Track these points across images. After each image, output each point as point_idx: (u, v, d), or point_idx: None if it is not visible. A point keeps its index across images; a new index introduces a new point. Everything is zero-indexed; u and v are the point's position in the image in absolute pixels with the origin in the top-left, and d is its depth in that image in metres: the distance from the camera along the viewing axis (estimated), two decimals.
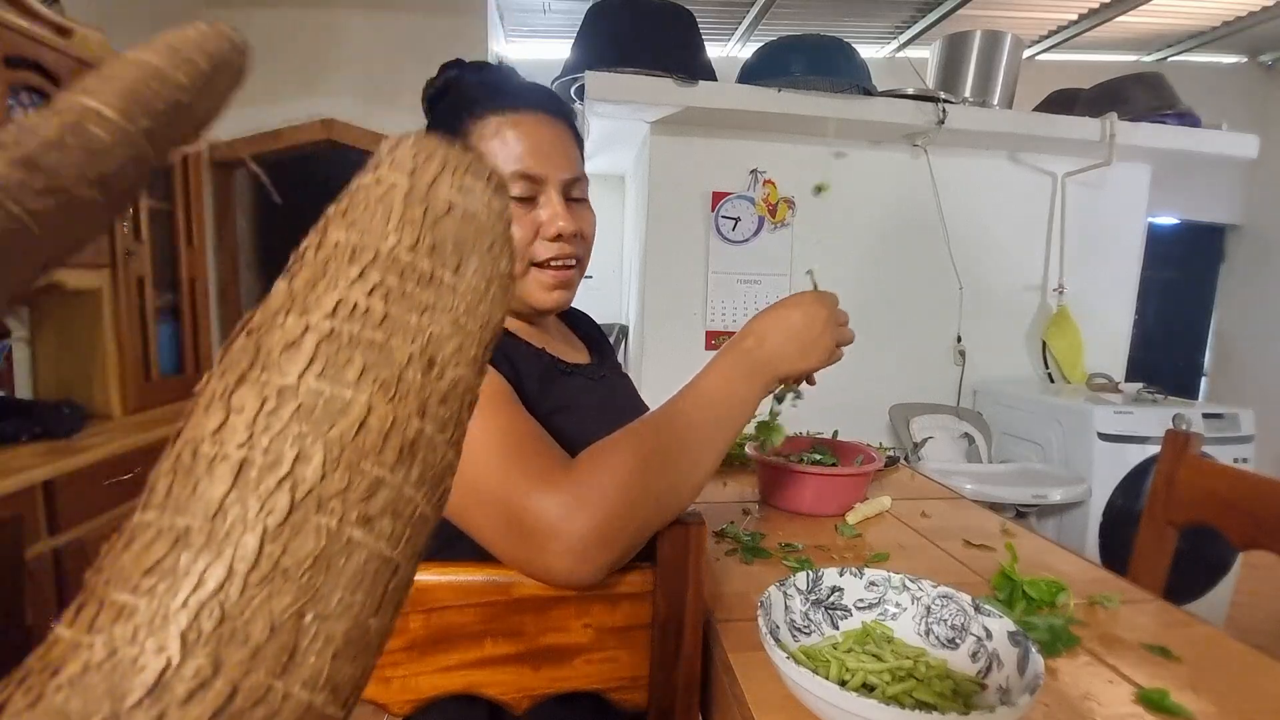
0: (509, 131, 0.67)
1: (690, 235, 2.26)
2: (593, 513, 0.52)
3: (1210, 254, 3.79)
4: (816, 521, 1.00)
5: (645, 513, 0.54)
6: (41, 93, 1.41)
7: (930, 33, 3.00)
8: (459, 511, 0.57)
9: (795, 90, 2.01)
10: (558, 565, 0.52)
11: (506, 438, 0.56)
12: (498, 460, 0.55)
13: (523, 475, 0.54)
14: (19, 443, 1.34)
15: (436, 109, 0.73)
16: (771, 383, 0.65)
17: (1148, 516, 1.05)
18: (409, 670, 0.54)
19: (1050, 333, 2.48)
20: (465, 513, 0.56)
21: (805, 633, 0.61)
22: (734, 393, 0.62)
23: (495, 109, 0.68)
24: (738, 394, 0.62)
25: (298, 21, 2.49)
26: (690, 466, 0.58)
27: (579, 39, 2.12)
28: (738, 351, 0.64)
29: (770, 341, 0.64)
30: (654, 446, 0.56)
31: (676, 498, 0.57)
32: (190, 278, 1.96)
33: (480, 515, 0.55)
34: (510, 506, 0.53)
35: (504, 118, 0.68)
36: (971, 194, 2.40)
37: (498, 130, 0.68)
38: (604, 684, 0.57)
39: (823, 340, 0.65)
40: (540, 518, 0.52)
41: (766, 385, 0.64)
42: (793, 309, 0.65)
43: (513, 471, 0.54)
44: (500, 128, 0.68)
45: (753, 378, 0.63)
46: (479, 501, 0.55)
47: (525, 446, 0.56)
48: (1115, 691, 0.58)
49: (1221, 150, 2.34)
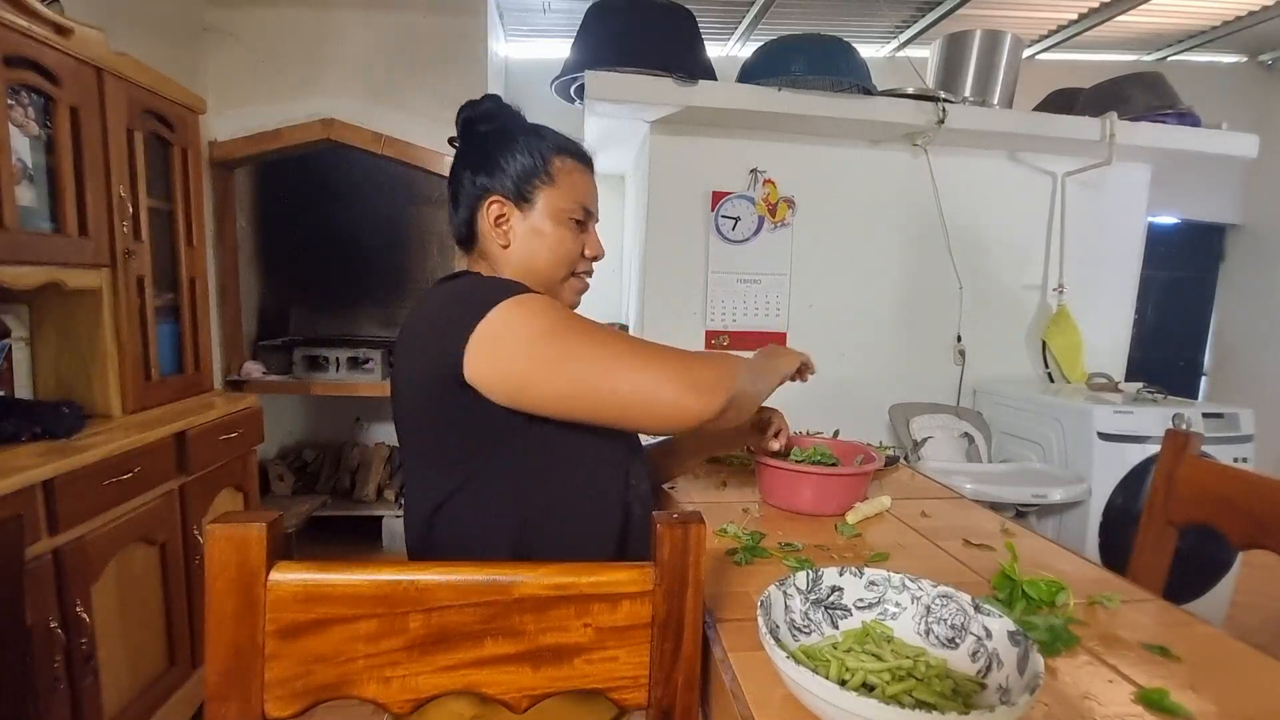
0: (578, 175, 0.92)
1: (690, 235, 2.26)
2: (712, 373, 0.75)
3: (1210, 254, 3.79)
4: (816, 521, 1.00)
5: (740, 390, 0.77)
6: (41, 93, 1.41)
7: (930, 32, 3.00)
8: (597, 396, 0.73)
9: (795, 90, 2.01)
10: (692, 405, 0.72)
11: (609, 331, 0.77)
12: (619, 344, 0.75)
13: (649, 349, 0.76)
14: (19, 442, 1.34)
15: (495, 129, 0.92)
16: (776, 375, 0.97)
17: (1147, 516, 1.05)
18: (409, 670, 0.54)
19: (1050, 332, 2.48)
20: (609, 391, 0.72)
21: (805, 632, 0.61)
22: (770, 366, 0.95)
23: (570, 154, 0.92)
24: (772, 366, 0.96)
25: (298, 21, 2.49)
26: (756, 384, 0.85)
27: (579, 38, 2.12)
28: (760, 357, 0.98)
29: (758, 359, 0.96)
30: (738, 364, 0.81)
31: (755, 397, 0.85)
32: (190, 277, 1.96)
33: (626, 385, 0.72)
34: (651, 369, 0.73)
35: (575, 163, 0.92)
36: (971, 194, 2.40)
37: (572, 170, 0.91)
38: (604, 684, 0.57)
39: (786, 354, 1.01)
40: (679, 370, 0.73)
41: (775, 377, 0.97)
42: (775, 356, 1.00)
43: (638, 347, 0.76)
44: (574, 170, 0.91)
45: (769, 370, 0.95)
46: (623, 374, 0.72)
47: (630, 339, 0.78)
48: (1115, 691, 0.58)
49: (1221, 150, 2.34)
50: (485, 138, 0.91)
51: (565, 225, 0.89)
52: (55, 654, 1.24)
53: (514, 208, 0.88)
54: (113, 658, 1.42)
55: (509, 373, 0.73)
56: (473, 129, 0.92)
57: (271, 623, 0.53)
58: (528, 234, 0.89)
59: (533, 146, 0.89)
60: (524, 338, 0.72)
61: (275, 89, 2.48)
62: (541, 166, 0.88)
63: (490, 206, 0.88)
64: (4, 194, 1.29)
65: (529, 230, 0.89)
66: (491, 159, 0.89)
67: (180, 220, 1.92)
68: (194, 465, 1.68)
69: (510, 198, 0.88)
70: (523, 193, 0.88)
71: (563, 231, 0.89)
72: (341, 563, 0.54)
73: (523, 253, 0.89)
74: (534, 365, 0.72)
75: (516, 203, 0.88)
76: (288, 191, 2.77)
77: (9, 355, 1.54)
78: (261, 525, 0.52)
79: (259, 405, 2.02)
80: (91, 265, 1.54)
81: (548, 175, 0.88)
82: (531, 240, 0.89)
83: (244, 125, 2.46)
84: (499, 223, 0.89)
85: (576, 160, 0.92)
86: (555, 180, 0.89)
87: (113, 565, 1.41)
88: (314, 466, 2.88)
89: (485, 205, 0.89)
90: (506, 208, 0.88)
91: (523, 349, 0.72)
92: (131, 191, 1.66)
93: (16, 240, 1.34)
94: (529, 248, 0.89)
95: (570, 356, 0.72)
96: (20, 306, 1.59)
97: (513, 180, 0.88)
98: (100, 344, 1.60)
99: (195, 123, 1.98)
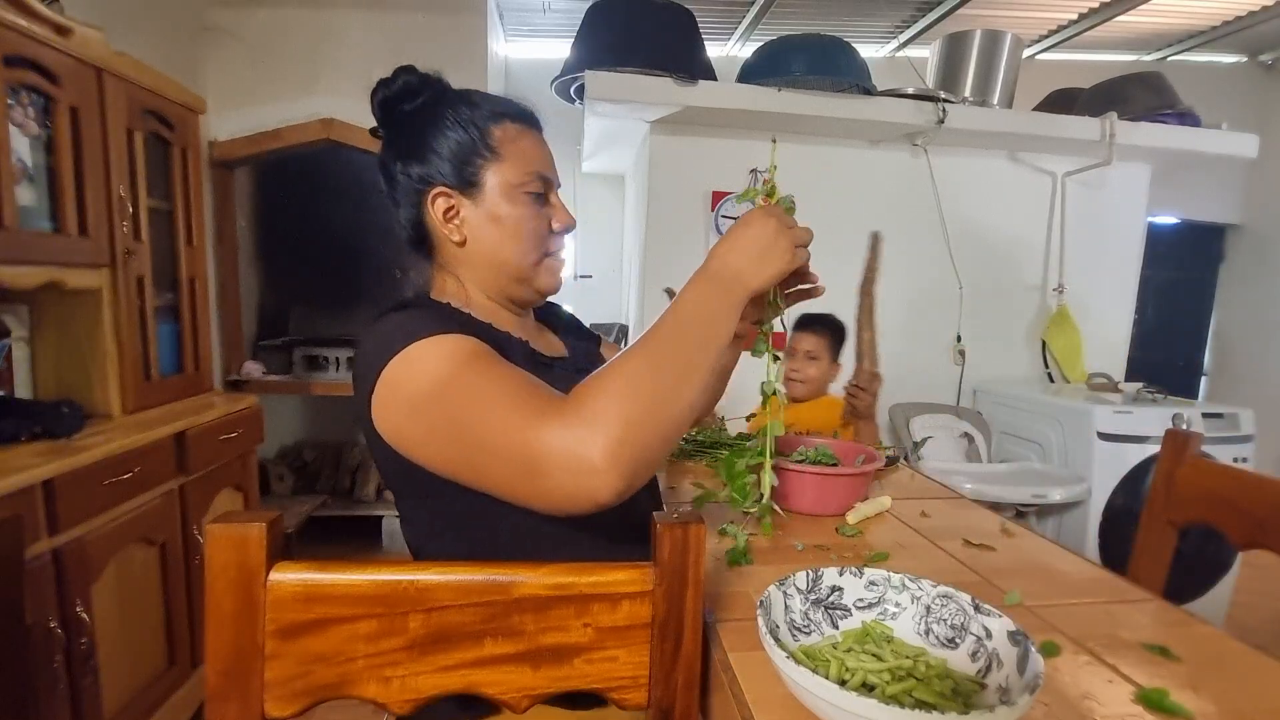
0: (525, 140, 0.79)
1: (690, 235, 2.26)
2: (597, 434, 0.54)
3: (1210, 254, 3.79)
4: (816, 521, 1.00)
5: (645, 432, 0.56)
6: (41, 93, 1.41)
7: (930, 32, 3.00)
8: (475, 469, 0.60)
9: (795, 90, 2.01)
10: (577, 490, 0.55)
11: (500, 389, 0.60)
12: (498, 410, 0.58)
13: (525, 416, 0.57)
14: (19, 442, 1.34)
15: (418, 107, 0.78)
16: (744, 297, 0.68)
17: (1147, 516, 1.05)
18: (409, 670, 0.54)
19: (1050, 332, 2.48)
20: (482, 470, 0.59)
21: (805, 632, 0.61)
22: (709, 311, 0.65)
23: (510, 117, 0.79)
24: (712, 312, 0.65)
25: (298, 21, 2.49)
26: (681, 384, 0.60)
27: (579, 38, 2.12)
28: (705, 275, 0.68)
29: (731, 260, 0.68)
30: (643, 368, 0.59)
31: (674, 414, 0.59)
32: (190, 277, 1.96)
33: (496, 467, 0.58)
34: (519, 448, 0.56)
35: (519, 127, 0.79)
36: (971, 194, 2.40)
37: (517, 136, 0.78)
38: (604, 684, 0.57)
39: (778, 245, 0.69)
40: (552, 448, 0.55)
41: (739, 300, 0.67)
42: (744, 227, 0.69)
43: (513, 415, 0.58)
44: (518, 135, 0.78)
45: (724, 295, 0.66)
46: (491, 454, 0.58)
47: (521, 391, 0.60)
48: (1115, 691, 0.58)
49: (1221, 150, 2.34)
50: (410, 119, 0.78)
51: (523, 202, 0.77)
52: (55, 654, 1.24)
53: (461, 196, 0.76)
54: (112, 657, 1.41)
55: (396, 433, 0.64)
56: (394, 111, 0.79)
57: (271, 623, 0.53)
58: (483, 223, 0.77)
59: (464, 119, 0.76)
60: (406, 399, 0.62)
61: (275, 89, 2.49)
62: (480, 140, 0.76)
63: (435, 201, 0.77)
64: (4, 194, 1.29)
65: (484, 218, 0.77)
66: (422, 143, 0.77)
67: (180, 220, 1.92)
68: (194, 465, 1.68)
69: (453, 185, 0.76)
70: (466, 176, 0.76)
71: (522, 210, 0.77)
72: (341, 563, 0.54)
73: (483, 246, 0.77)
74: (416, 430, 0.62)
75: (462, 189, 0.76)
76: (288, 191, 2.77)
77: (9, 355, 1.54)
78: (261, 525, 0.52)
79: (259, 405, 2.02)
80: (91, 265, 1.54)
81: (489, 149, 0.76)
82: (490, 229, 0.77)
83: (244, 125, 2.46)
84: (449, 217, 0.77)
85: (519, 123, 0.79)
86: (500, 152, 0.76)
87: (112, 565, 1.41)
88: (314, 466, 2.88)
89: (428, 200, 0.77)
90: (453, 198, 0.77)
91: (404, 411, 0.62)
92: (131, 191, 1.66)
93: (16, 240, 1.34)
94: (489, 238, 0.77)
95: (445, 424, 0.60)
96: (20, 306, 1.59)
97: (451, 164, 0.76)
98: (100, 344, 1.60)
99: (195, 122, 1.98)
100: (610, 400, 0.56)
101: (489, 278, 0.79)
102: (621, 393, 0.57)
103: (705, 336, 0.64)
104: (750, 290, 0.68)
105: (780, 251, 0.69)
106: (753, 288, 0.68)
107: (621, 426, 0.55)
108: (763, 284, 0.69)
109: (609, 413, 0.55)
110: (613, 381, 0.58)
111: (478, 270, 0.79)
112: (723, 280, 0.67)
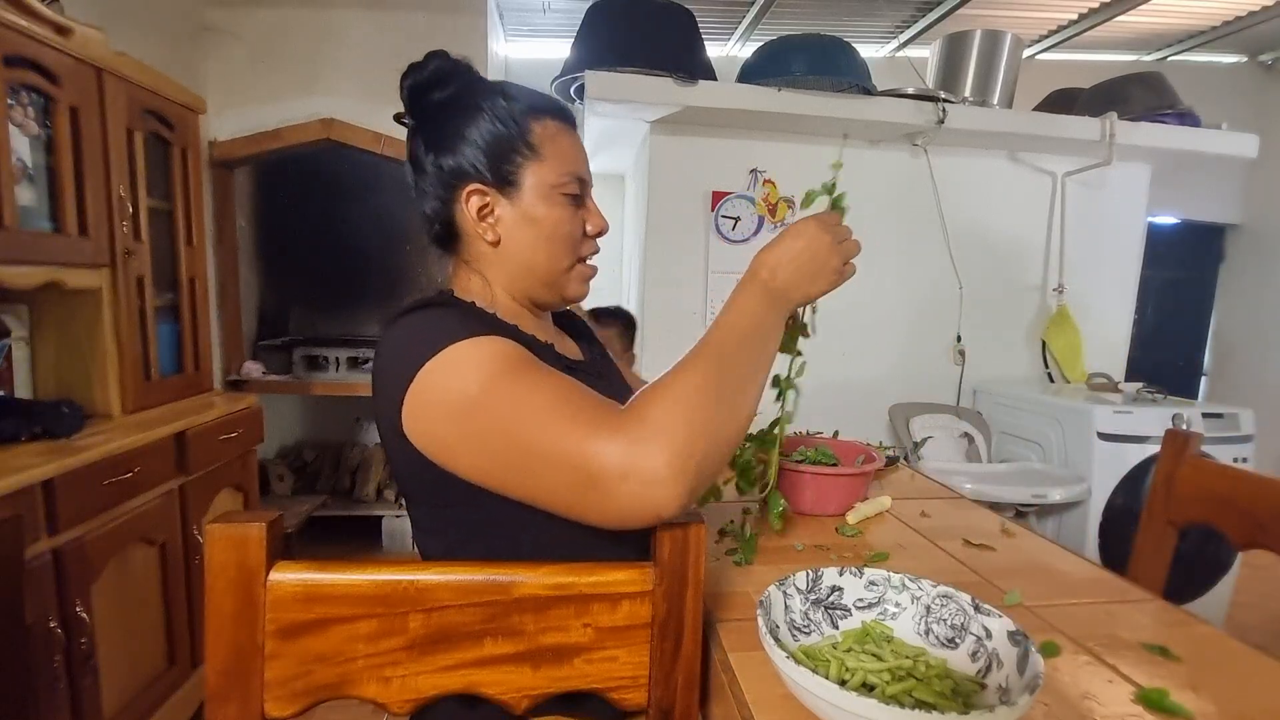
0: (564, 139, 0.75)
1: (690, 235, 2.26)
2: (661, 446, 0.54)
3: (1210, 254, 3.79)
4: (816, 521, 1.00)
5: (706, 443, 0.56)
6: (41, 92, 1.41)
7: (930, 32, 3.00)
8: (525, 480, 0.58)
9: (795, 90, 2.01)
10: (639, 502, 0.54)
11: (551, 396, 0.58)
12: (554, 419, 0.56)
13: (581, 426, 0.56)
14: (19, 442, 1.34)
15: (451, 97, 0.74)
16: (788, 310, 0.69)
17: (1147, 516, 1.05)
18: (409, 670, 0.54)
19: (1050, 332, 2.48)
20: (532, 479, 0.57)
21: (805, 632, 0.61)
22: (761, 324, 0.65)
23: (549, 114, 0.75)
24: (766, 325, 0.66)
25: (298, 21, 2.49)
26: (739, 396, 0.61)
27: (579, 38, 2.12)
28: (756, 285, 0.67)
29: (782, 273, 0.67)
30: (702, 380, 0.58)
31: (732, 427, 0.59)
32: (190, 277, 1.96)
33: (549, 477, 0.56)
34: (576, 459, 0.55)
35: (558, 124, 0.75)
36: (971, 194, 2.40)
37: (556, 134, 0.75)
38: (604, 684, 0.57)
39: (830, 263, 0.69)
40: (610, 462, 0.54)
41: (784, 313, 0.68)
42: (797, 239, 0.68)
43: (571, 425, 0.56)
44: (558, 133, 0.75)
45: (773, 308, 0.67)
46: (546, 464, 0.56)
47: (573, 400, 0.58)
48: (1115, 691, 0.58)
49: (1221, 150, 2.34)
50: (442, 109, 0.74)
51: (560, 204, 0.74)
52: (55, 654, 1.24)
53: (497, 194, 0.73)
54: (112, 657, 1.41)
55: (430, 438, 0.61)
56: (424, 99, 0.75)
57: (271, 622, 0.53)
58: (519, 223, 0.74)
59: (503, 113, 0.73)
60: (446, 403, 0.59)
61: (275, 89, 2.48)
62: (519, 136, 0.72)
63: (469, 199, 0.73)
64: (4, 194, 1.29)
65: (520, 219, 0.73)
66: (457, 135, 0.73)
67: (180, 220, 1.92)
68: (194, 465, 1.68)
69: (490, 183, 0.73)
70: (504, 174, 0.72)
71: (559, 213, 0.74)
72: (341, 562, 0.54)
73: (517, 248, 0.74)
74: (456, 437, 0.59)
75: (499, 188, 0.73)
76: (288, 191, 2.77)
77: (9, 355, 1.54)
78: (261, 525, 0.52)
79: (259, 405, 2.02)
80: (91, 265, 1.54)
81: (529, 147, 0.73)
82: (525, 230, 0.74)
83: (244, 125, 2.46)
84: (482, 215, 0.73)
85: (558, 120, 0.76)
86: (540, 151, 0.73)
87: (112, 565, 1.41)
88: (314, 466, 2.88)
89: (462, 197, 0.73)
90: (488, 196, 0.73)
91: (443, 417, 0.59)
92: (131, 191, 1.66)
93: (16, 240, 1.34)
94: (523, 240, 0.74)
95: (491, 434, 0.58)
96: (20, 306, 1.59)
97: (488, 160, 0.72)
98: (100, 344, 1.60)
99: (195, 122, 1.98)
100: (673, 412, 0.56)
101: (518, 279, 0.76)
102: (684, 405, 0.56)
103: (759, 349, 0.64)
104: (795, 304, 0.69)
105: (830, 270, 0.69)
106: (797, 301, 0.69)
107: (686, 439, 0.54)
108: (809, 300, 0.69)
109: (673, 425, 0.55)
110: (674, 393, 0.57)
111: (507, 271, 0.76)
112: (772, 292, 0.67)
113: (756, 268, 0.68)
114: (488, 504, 0.63)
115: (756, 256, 0.69)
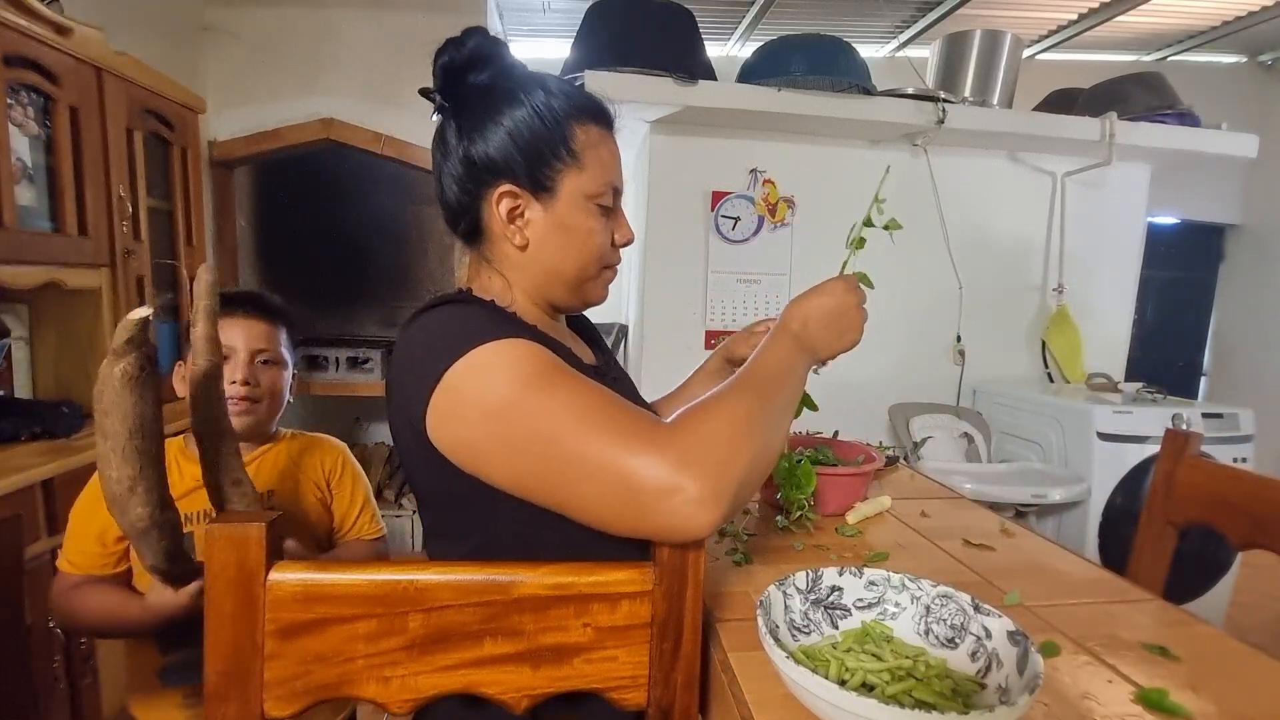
0: (604, 148, 0.72)
1: (690, 235, 2.26)
2: (705, 468, 0.54)
3: (1210, 254, 3.79)
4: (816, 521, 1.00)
5: (745, 471, 0.56)
6: (41, 92, 1.41)
7: (930, 32, 3.00)
8: (559, 488, 0.57)
9: (795, 90, 2.01)
10: (678, 520, 0.53)
11: (588, 403, 0.58)
12: (589, 428, 0.56)
13: (628, 438, 0.55)
14: (19, 442, 1.34)
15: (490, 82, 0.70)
16: (813, 362, 0.73)
17: (1147, 516, 1.05)
18: (409, 670, 0.54)
19: (1050, 332, 2.48)
20: (566, 488, 0.57)
21: (805, 632, 0.61)
22: (792, 370, 0.68)
23: (593, 117, 0.72)
24: (795, 372, 0.69)
25: (297, 21, 2.49)
26: (774, 432, 0.62)
27: (579, 38, 2.12)
28: (789, 336, 0.71)
29: (813, 327, 0.72)
30: (745, 410, 0.59)
31: (765, 459, 0.60)
32: (190, 277, 1.96)
33: (585, 487, 0.56)
34: (618, 472, 0.54)
35: (601, 131, 0.72)
36: (971, 194, 2.40)
37: (599, 142, 0.72)
38: (604, 684, 0.57)
39: (855, 325, 0.74)
40: (652, 476, 0.53)
41: (809, 365, 0.72)
42: (829, 297, 0.73)
43: (611, 435, 0.55)
44: (600, 140, 0.72)
45: (803, 360, 0.70)
46: (581, 474, 0.55)
47: (613, 411, 0.58)
48: (1115, 691, 0.58)
49: (1221, 150, 2.34)
50: (479, 93, 0.70)
51: (594, 215, 0.71)
52: (54, 653, 1.24)
53: (531, 198, 0.69)
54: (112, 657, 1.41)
55: (457, 441, 0.59)
56: (460, 80, 0.70)
57: (271, 622, 0.53)
58: (550, 230, 0.70)
59: (545, 112, 0.68)
60: (477, 407, 0.57)
61: (275, 89, 2.49)
62: (562, 142, 0.68)
63: (500, 200, 0.69)
64: (4, 194, 1.29)
65: (552, 225, 0.70)
66: (495, 127, 0.68)
67: (180, 220, 1.92)
68: None
69: (525, 186, 0.69)
70: (540, 179, 0.68)
71: (592, 223, 0.71)
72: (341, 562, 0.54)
73: (544, 254, 0.71)
74: (486, 441, 0.58)
75: (534, 192, 0.69)
76: (288, 191, 2.77)
77: (9, 355, 1.54)
78: (261, 525, 0.52)
79: None
80: (91, 265, 1.54)
81: (570, 154, 0.69)
82: (555, 237, 0.70)
83: (244, 125, 2.46)
84: (513, 218, 0.70)
85: (601, 126, 0.72)
86: (581, 159, 0.69)
87: None
88: None
89: (493, 196, 0.69)
90: (521, 198, 0.69)
91: (474, 420, 0.58)
92: (131, 191, 1.66)
93: (16, 240, 1.34)
94: (553, 247, 0.71)
95: (527, 440, 0.56)
96: (20, 306, 1.59)
97: (526, 160, 0.68)
98: (100, 344, 1.60)
99: (195, 122, 1.98)
100: (719, 434, 0.56)
101: (541, 283, 0.73)
102: (729, 430, 0.57)
103: (790, 392, 0.67)
104: (820, 358, 0.73)
105: (854, 332, 0.74)
106: (823, 356, 0.73)
107: (729, 465, 0.55)
108: (832, 355, 0.74)
109: (719, 448, 0.55)
110: (720, 417, 0.58)
111: (530, 275, 0.73)
112: (803, 345, 0.71)
113: (788, 320, 0.72)
114: (506, 512, 0.62)
115: (788, 309, 0.72)
